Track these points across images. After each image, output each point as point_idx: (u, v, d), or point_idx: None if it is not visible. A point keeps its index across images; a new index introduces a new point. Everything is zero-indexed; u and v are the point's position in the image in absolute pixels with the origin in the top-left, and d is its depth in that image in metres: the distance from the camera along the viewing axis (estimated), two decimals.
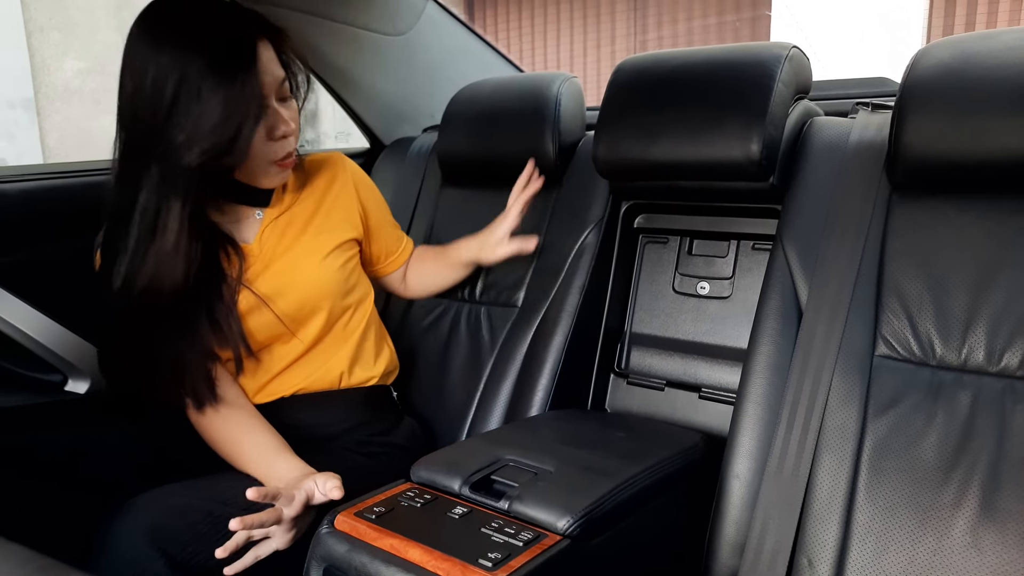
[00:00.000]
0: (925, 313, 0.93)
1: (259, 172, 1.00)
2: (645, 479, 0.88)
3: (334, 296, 1.10)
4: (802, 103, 1.15)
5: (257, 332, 1.05)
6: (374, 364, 1.18)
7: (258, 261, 1.06)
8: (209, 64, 0.88)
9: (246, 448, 1.01)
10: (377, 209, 1.23)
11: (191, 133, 0.89)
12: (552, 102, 1.31)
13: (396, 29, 1.61)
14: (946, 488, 0.85)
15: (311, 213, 1.12)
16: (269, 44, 0.96)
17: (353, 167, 1.20)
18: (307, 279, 1.08)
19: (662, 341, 1.28)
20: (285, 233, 1.09)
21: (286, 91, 0.99)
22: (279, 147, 0.99)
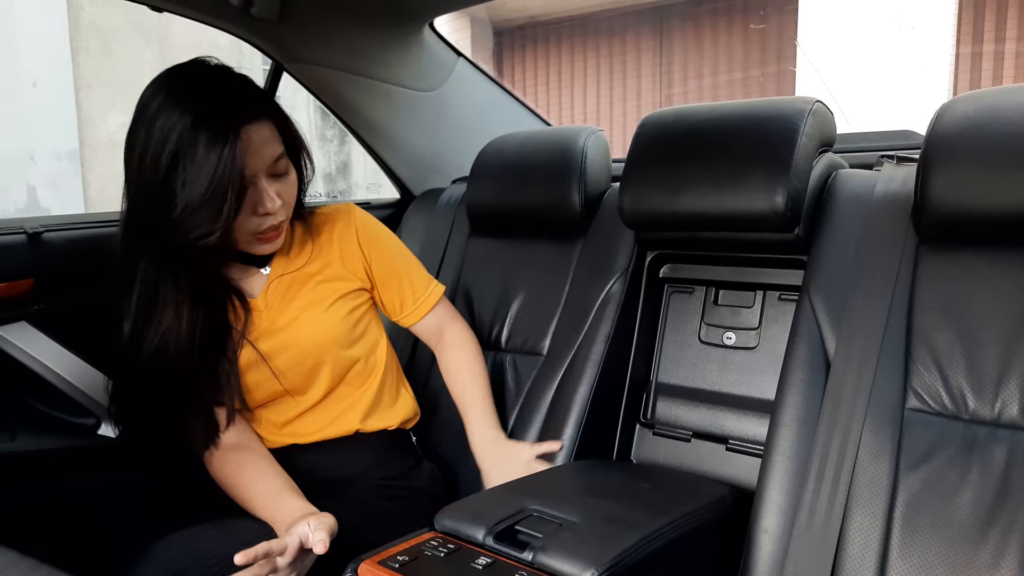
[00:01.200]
0: (956, 366, 0.91)
1: (243, 242, 1.02)
2: (671, 532, 0.87)
3: (337, 347, 1.10)
4: (826, 156, 1.16)
5: (255, 388, 1.07)
6: (391, 411, 1.19)
7: (263, 317, 1.09)
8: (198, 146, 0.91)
9: (253, 490, 1.02)
10: (384, 256, 1.19)
11: (182, 212, 0.92)
12: (579, 155, 1.34)
13: (428, 85, 1.67)
14: (983, 547, 0.82)
15: (317, 267, 1.13)
16: (270, 123, 0.99)
17: (361, 217, 1.19)
18: (308, 332, 1.09)
19: (688, 391, 1.27)
20: (290, 288, 1.11)
21: (280, 168, 1.01)
22: (261, 222, 1.00)
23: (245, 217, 0.99)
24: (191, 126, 0.91)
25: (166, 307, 0.99)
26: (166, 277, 0.99)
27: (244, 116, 0.95)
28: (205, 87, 0.96)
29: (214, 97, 0.95)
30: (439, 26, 1.62)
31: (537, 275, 1.40)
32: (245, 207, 0.97)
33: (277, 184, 1.01)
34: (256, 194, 0.98)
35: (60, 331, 1.28)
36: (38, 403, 1.33)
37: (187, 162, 0.91)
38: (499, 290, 1.43)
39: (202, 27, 1.39)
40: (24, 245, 1.25)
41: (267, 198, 0.99)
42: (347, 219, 1.17)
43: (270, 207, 0.99)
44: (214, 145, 0.91)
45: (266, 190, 0.98)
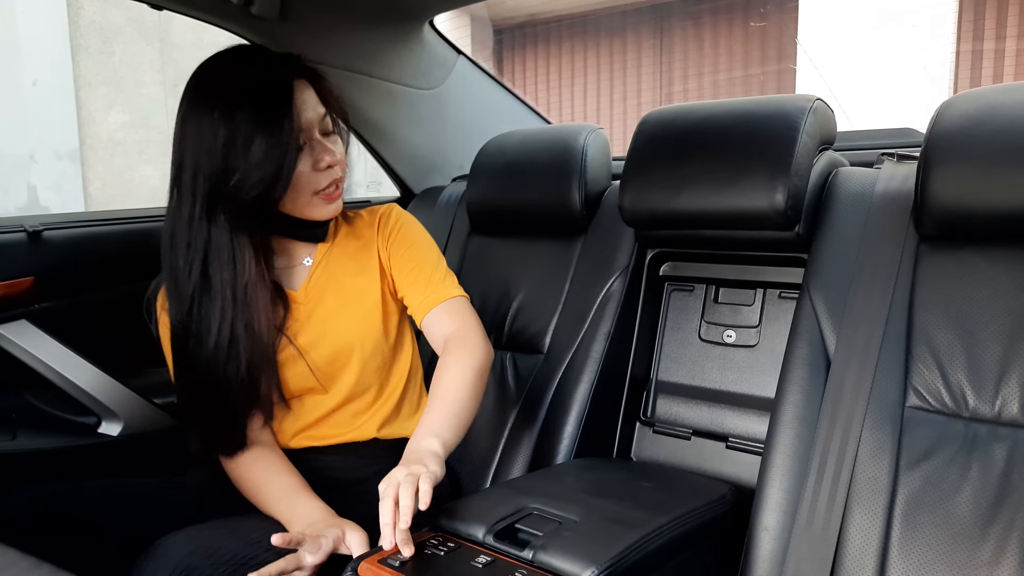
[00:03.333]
0: (957, 364, 0.91)
1: (306, 204, 1.04)
2: (671, 531, 0.87)
3: (367, 351, 1.10)
4: (827, 154, 1.16)
5: (291, 381, 1.08)
6: (411, 421, 1.18)
7: (301, 309, 1.09)
8: (253, 111, 0.95)
9: (268, 489, 1.02)
10: (409, 251, 1.16)
11: (244, 173, 0.96)
12: (579, 153, 1.34)
13: (428, 84, 1.66)
14: (983, 544, 0.82)
15: (358, 266, 1.14)
16: (308, 85, 1.03)
17: (398, 216, 1.19)
18: (343, 331, 1.09)
19: (688, 389, 1.27)
20: (329, 283, 1.11)
21: (328, 126, 1.05)
22: (324, 177, 1.03)
23: (307, 173, 1.01)
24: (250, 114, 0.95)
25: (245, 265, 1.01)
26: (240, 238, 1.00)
27: (290, 73, 1.00)
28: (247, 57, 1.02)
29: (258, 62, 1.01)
30: (439, 24, 1.62)
31: (537, 273, 1.40)
32: (304, 162, 1.00)
33: (329, 142, 1.04)
34: (314, 149, 1.02)
35: (60, 330, 1.28)
36: (39, 402, 1.33)
37: (245, 137, 0.95)
38: (499, 288, 1.43)
39: (203, 26, 1.39)
40: (24, 244, 1.25)
41: (326, 151, 1.02)
42: (386, 219, 1.18)
43: (330, 159, 1.02)
44: (268, 101, 0.96)
45: (323, 143, 1.02)
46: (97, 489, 1.04)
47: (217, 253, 1.00)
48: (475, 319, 1.13)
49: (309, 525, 0.94)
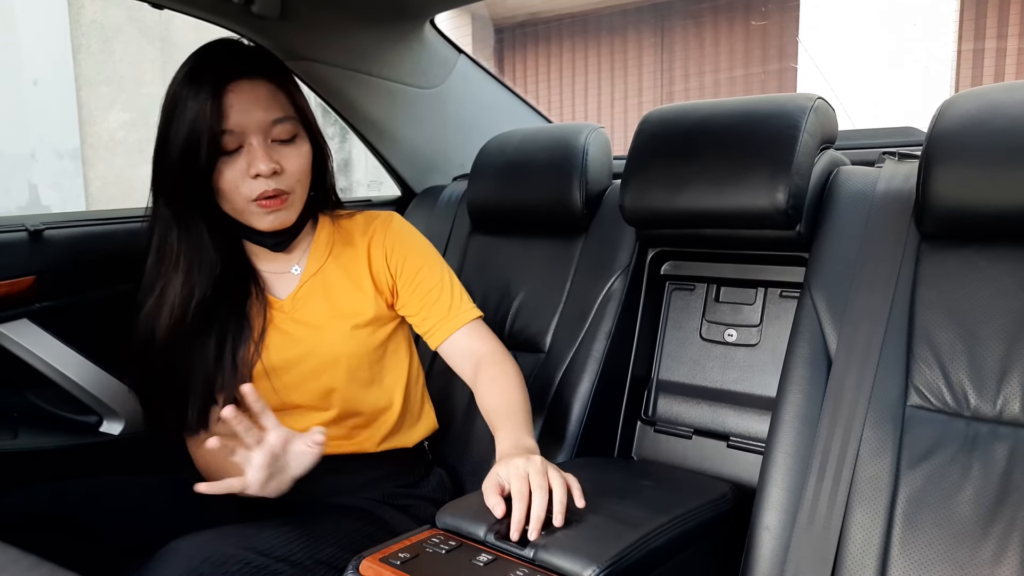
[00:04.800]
0: (958, 363, 0.91)
1: (243, 211, 1.00)
2: (673, 530, 0.87)
3: (354, 367, 1.07)
4: (828, 153, 1.16)
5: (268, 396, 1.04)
6: (411, 432, 1.16)
7: (287, 320, 1.07)
8: (183, 95, 0.95)
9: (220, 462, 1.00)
10: (414, 268, 1.12)
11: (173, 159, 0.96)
12: (580, 152, 1.34)
13: (429, 83, 1.66)
14: (984, 543, 0.82)
15: (350, 277, 1.10)
16: (265, 84, 0.99)
17: (397, 227, 1.14)
18: (329, 351, 1.06)
19: (689, 388, 1.27)
20: (319, 294, 1.08)
21: (282, 133, 0.99)
22: (254, 186, 0.98)
23: (238, 178, 0.97)
24: (183, 80, 0.96)
25: (177, 262, 1.00)
26: (172, 237, 1.01)
27: (231, 71, 0.96)
28: (203, 51, 1.00)
29: (206, 55, 0.99)
30: (440, 23, 1.62)
31: (538, 272, 1.40)
32: (235, 167, 0.97)
33: (279, 150, 0.99)
34: (248, 156, 0.97)
35: (62, 329, 1.28)
36: (40, 401, 1.33)
37: (178, 115, 0.95)
38: (500, 288, 1.43)
39: (203, 25, 1.39)
40: (26, 243, 1.25)
41: (258, 159, 0.96)
42: (384, 228, 1.13)
43: (261, 169, 0.96)
44: (195, 97, 0.93)
45: (257, 151, 0.96)
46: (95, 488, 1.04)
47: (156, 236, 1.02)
48: (497, 339, 1.14)
49: None
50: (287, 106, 1.00)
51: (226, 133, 0.95)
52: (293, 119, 1.00)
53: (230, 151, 0.97)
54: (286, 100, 1.01)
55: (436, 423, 1.23)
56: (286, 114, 0.99)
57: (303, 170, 1.03)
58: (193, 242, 1.01)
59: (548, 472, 0.85)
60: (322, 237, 1.12)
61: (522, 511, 0.81)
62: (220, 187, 0.98)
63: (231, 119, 0.95)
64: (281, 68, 1.03)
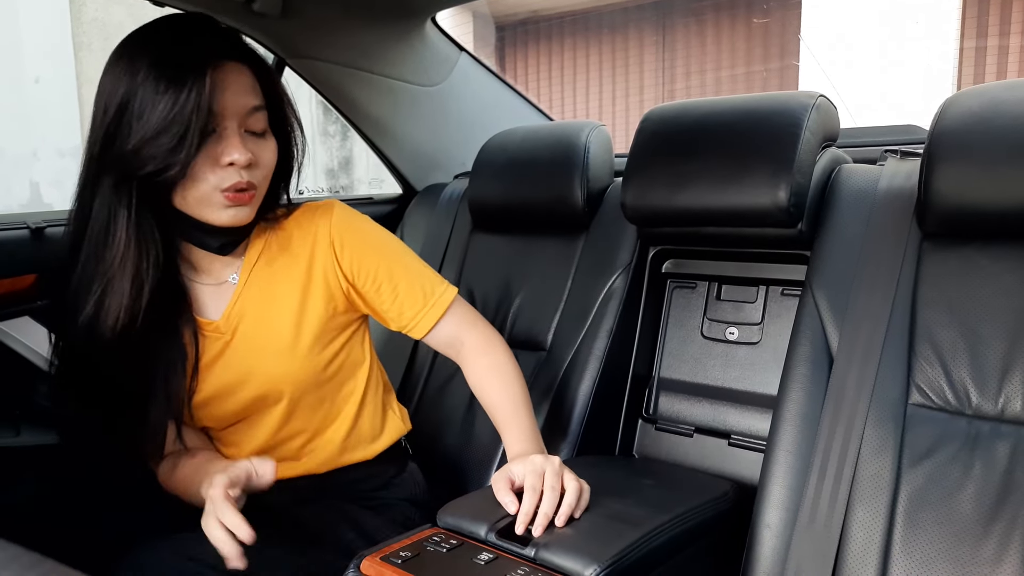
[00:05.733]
0: (960, 361, 0.91)
1: (202, 201, 0.89)
2: (674, 528, 0.87)
3: (302, 388, 0.99)
4: (830, 151, 1.15)
5: (206, 418, 1.00)
6: (371, 445, 1.08)
7: (221, 341, 0.97)
8: (158, 72, 0.84)
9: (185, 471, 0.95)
10: (370, 259, 1.01)
11: (139, 140, 0.84)
12: (581, 150, 1.34)
13: (430, 80, 1.66)
14: (986, 542, 0.82)
15: (291, 283, 0.99)
16: (247, 70, 0.91)
17: (340, 217, 1.02)
18: (271, 372, 0.97)
19: (691, 387, 1.27)
20: (257, 308, 0.98)
21: (256, 125, 0.91)
22: (225, 175, 0.88)
23: (208, 166, 0.87)
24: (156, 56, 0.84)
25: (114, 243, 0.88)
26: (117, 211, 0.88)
27: (219, 51, 0.88)
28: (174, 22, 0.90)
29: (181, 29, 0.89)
30: (441, 21, 1.62)
31: (539, 271, 1.40)
32: (207, 153, 0.86)
33: (252, 141, 0.90)
34: (223, 142, 0.87)
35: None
36: (42, 398, 1.33)
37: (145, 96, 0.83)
38: (501, 286, 1.43)
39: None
40: (27, 240, 1.25)
41: (233, 147, 0.87)
42: (326, 220, 1.01)
43: (237, 157, 0.86)
44: (178, 78, 0.83)
45: (234, 137, 0.87)
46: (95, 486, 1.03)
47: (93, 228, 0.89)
48: (479, 316, 1.09)
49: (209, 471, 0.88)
50: (262, 97, 0.92)
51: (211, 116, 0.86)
52: (264, 111, 0.92)
53: None
54: (262, 91, 0.92)
55: (406, 426, 1.15)
56: (261, 104, 0.91)
57: (270, 167, 0.94)
58: (144, 234, 0.89)
59: (564, 475, 0.87)
60: (257, 243, 1.00)
61: (532, 504, 0.83)
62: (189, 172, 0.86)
63: (216, 100, 0.86)
64: (260, 56, 0.95)
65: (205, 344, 0.96)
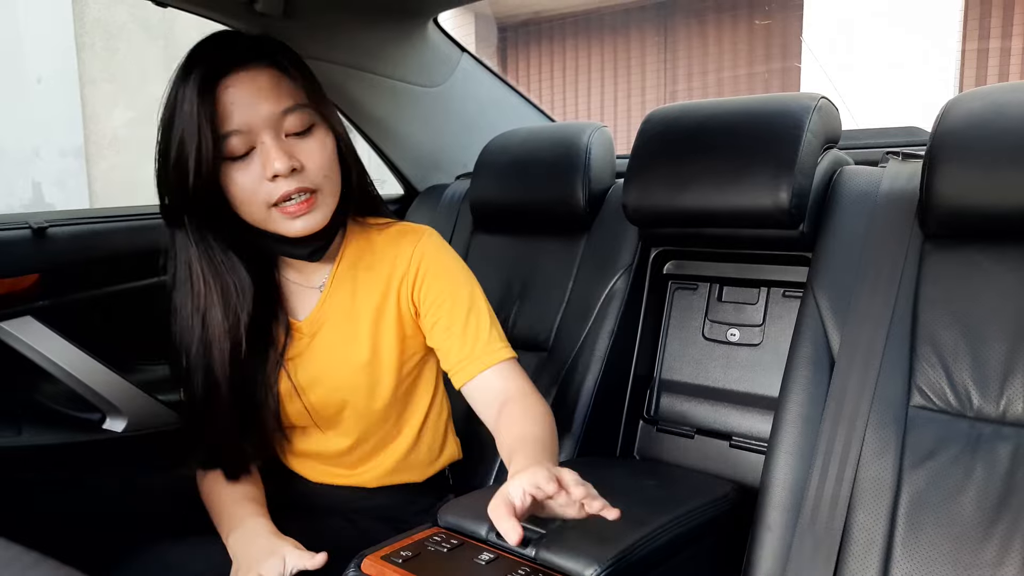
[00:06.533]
0: (961, 363, 0.91)
1: (266, 218, 0.89)
2: (675, 529, 0.87)
3: (366, 400, 1.00)
4: (831, 152, 1.15)
5: (292, 415, 1.02)
6: (426, 468, 1.09)
7: (303, 340, 0.99)
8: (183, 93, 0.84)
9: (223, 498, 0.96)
10: (437, 297, 0.98)
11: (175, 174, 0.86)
12: (583, 151, 1.34)
13: (432, 81, 1.66)
14: (987, 545, 0.82)
15: (373, 300, 0.99)
16: (273, 73, 0.87)
17: (428, 243, 1.01)
18: (340, 375, 0.99)
19: (692, 388, 1.27)
20: (340, 315, 0.99)
21: (295, 125, 0.87)
22: (274, 188, 0.86)
23: (253, 184, 0.86)
24: (175, 83, 0.86)
25: (207, 288, 0.90)
26: (195, 263, 0.91)
27: (225, 65, 0.85)
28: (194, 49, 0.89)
29: (196, 53, 0.87)
30: (443, 22, 1.62)
31: (541, 271, 1.40)
32: (249, 170, 0.85)
33: (295, 144, 0.87)
34: (262, 155, 0.85)
35: (65, 326, 1.29)
36: (43, 397, 1.33)
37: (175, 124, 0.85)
38: (503, 286, 1.43)
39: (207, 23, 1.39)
40: (29, 240, 1.25)
41: (273, 158, 0.84)
42: (413, 242, 1.00)
43: (278, 168, 0.84)
44: (189, 100, 0.83)
45: (271, 148, 0.84)
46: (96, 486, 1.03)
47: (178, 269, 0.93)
48: (529, 381, 0.98)
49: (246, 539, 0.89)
50: (296, 93, 0.88)
51: (232, 135, 0.84)
52: (306, 107, 0.88)
53: (241, 155, 0.86)
54: (293, 87, 0.88)
55: (459, 455, 1.16)
56: (296, 102, 0.87)
57: (328, 163, 0.90)
58: (218, 265, 0.91)
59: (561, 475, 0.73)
60: (348, 251, 1.01)
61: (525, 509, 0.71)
62: (235, 196, 0.87)
63: (235, 119, 0.84)
64: (283, 52, 0.91)
65: (291, 341, 0.99)
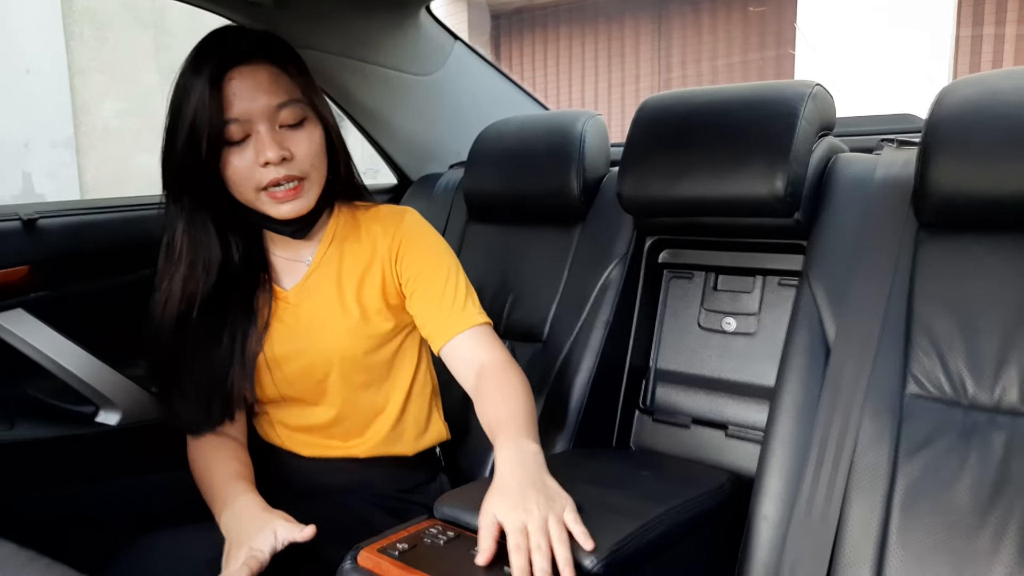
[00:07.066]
0: (956, 352, 0.91)
1: (256, 200, 0.98)
2: (671, 519, 0.87)
3: (351, 366, 1.05)
4: (826, 140, 1.15)
5: (266, 387, 1.06)
6: (414, 441, 1.12)
7: (291, 314, 1.06)
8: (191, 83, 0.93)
9: (214, 477, 1.00)
10: (422, 266, 1.06)
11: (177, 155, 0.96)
12: (577, 139, 1.33)
13: (425, 70, 1.65)
14: (982, 533, 0.82)
15: (360, 270, 1.07)
16: (271, 69, 0.96)
17: (411, 222, 1.09)
18: (324, 342, 1.04)
19: (688, 378, 1.27)
20: (323, 289, 1.06)
21: (289, 118, 0.96)
22: (264, 173, 0.95)
23: (246, 169, 0.95)
24: (183, 74, 0.95)
25: (181, 257, 1.00)
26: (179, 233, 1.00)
27: (231, 58, 0.94)
28: (205, 40, 0.97)
29: (204, 46, 0.96)
30: (436, 10, 1.60)
31: (535, 261, 1.40)
32: (243, 155, 0.95)
33: (287, 135, 0.96)
34: (256, 144, 0.95)
35: (57, 318, 1.28)
36: (36, 391, 1.33)
37: (182, 110, 0.93)
38: (497, 276, 1.43)
39: (198, 12, 1.38)
40: (19, 232, 1.24)
41: (266, 147, 0.94)
42: (395, 222, 1.09)
43: (269, 156, 0.93)
44: (196, 89, 0.92)
45: (265, 138, 0.94)
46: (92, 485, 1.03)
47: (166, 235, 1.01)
48: (504, 349, 1.05)
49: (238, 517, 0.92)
50: (292, 89, 0.97)
51: (231, 123, 0.93)
52: (299, 102, 0.97)
53: (237, 141, 0.95)
54: (290, 83, 0.97)
55: (447, 434, 1.19)
56: (291, 97, 0.96)
57: (315, 154, 0.99)
58: (197, 238, 1.00)
59: (549, 526, 0.75)
60: (334, 228, 1.09)
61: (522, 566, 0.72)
62: (230, 178, 0.96)
63: (235, 108, 0.93)
64: (283, 50, 1.00)
65: (276, 310, 1.06)
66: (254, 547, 0.86)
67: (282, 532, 0.88)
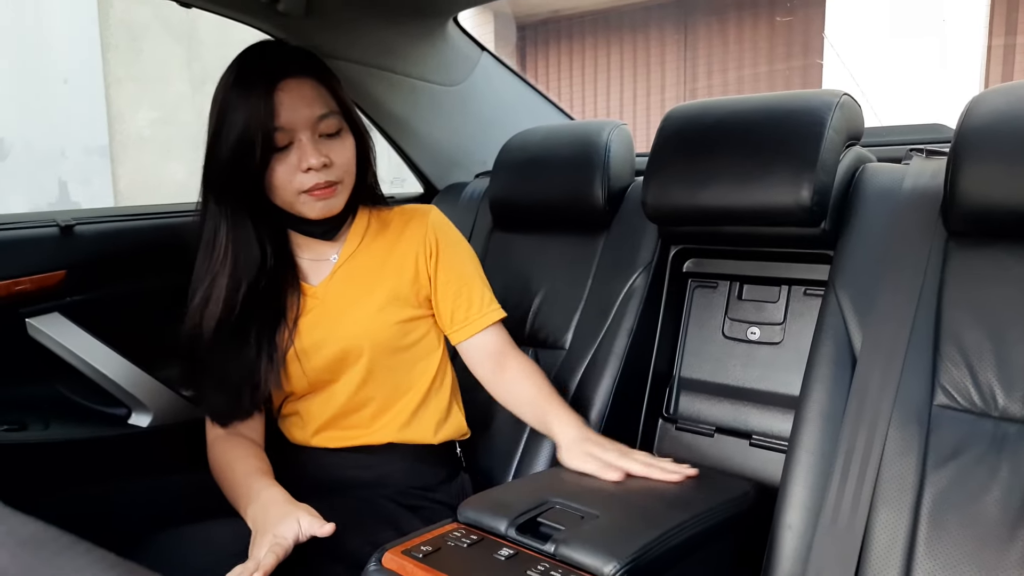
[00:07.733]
0: (986, 363, 0.90)
1: (294, 201, 1.04)
2: (693, 527, 0.87)
3: (378, 349, 1.10)
4: (854, 149, 1.14)
5: (294, 379, 1.09)
6: (435, 429, 1.15)
7: (319, 306, 1.11)
8: (239, 93, 0.99)
9: (236, 473, 1.03)
10: (448, 263, 1.15)
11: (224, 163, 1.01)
12: (602, 149, 1.34)
13: (451, 80, 1.67)
14: (1012, 546, 0.81)
15: (382, 263, 1.14)
16: (314, 83, 1.04)
17: (437, 220, 1.18)
18: (351, 328, 1.09)
19: (712, 386, 1.26)
20: (350, 282, 1.12)
21: (328, 128, 1.04)
22: (306, 178, 1.03)
23: (289, 173, 1.02)
24: (232, 84, 1.01)
25: (225, 254, 1.04)
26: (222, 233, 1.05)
27: (279, 72, 1.01)
28: (248, 53, 1.04)
29: (252, 58, 1.03)
30: (463, 21, 1.62)
31: (560, 269, 1.40)
32: (287, 162, 1.01)
33: (326, 144, 1.04)
34: (299, 151, 1.02)
35: (92, 322, 1.31)
36: (70, 392, 1.36)
37: (230, 116, 0.99)
38: (522, 284, 1.44)
39: (229, 23, 1.41)
40: (56, 238, 1.27)
41: (309, 154, 1.01)
42: (423, 220, 1.17)
43: (313, 163, 1.01)
44: (247, 97, 0.98)
45: (307, 146, 1.01)
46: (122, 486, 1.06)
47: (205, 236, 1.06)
48: (512, 341, 1.19)
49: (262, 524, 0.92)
50: (331, 102, 1.05)
51: (278, 130, 1.00)
52: (337, 114, 1.05)
53: (281, 147, 1.01)
54: (329, 96, 1.05)
55: (466, 430, 1.22)
56: (331, 109, 1.04)
57: (350, 161, 1.08)
58: (240, 237, 1.05)
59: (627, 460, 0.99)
60: (358, 227, 1.15)
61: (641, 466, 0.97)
62: (272, 182, 1.02)
63: (282, 117, 1.00)
64: (323, 67, 1.07)
65: (305, 305, 1.11)
66: (278, 534, 0.88)
67: (306, 524, 0.90)
